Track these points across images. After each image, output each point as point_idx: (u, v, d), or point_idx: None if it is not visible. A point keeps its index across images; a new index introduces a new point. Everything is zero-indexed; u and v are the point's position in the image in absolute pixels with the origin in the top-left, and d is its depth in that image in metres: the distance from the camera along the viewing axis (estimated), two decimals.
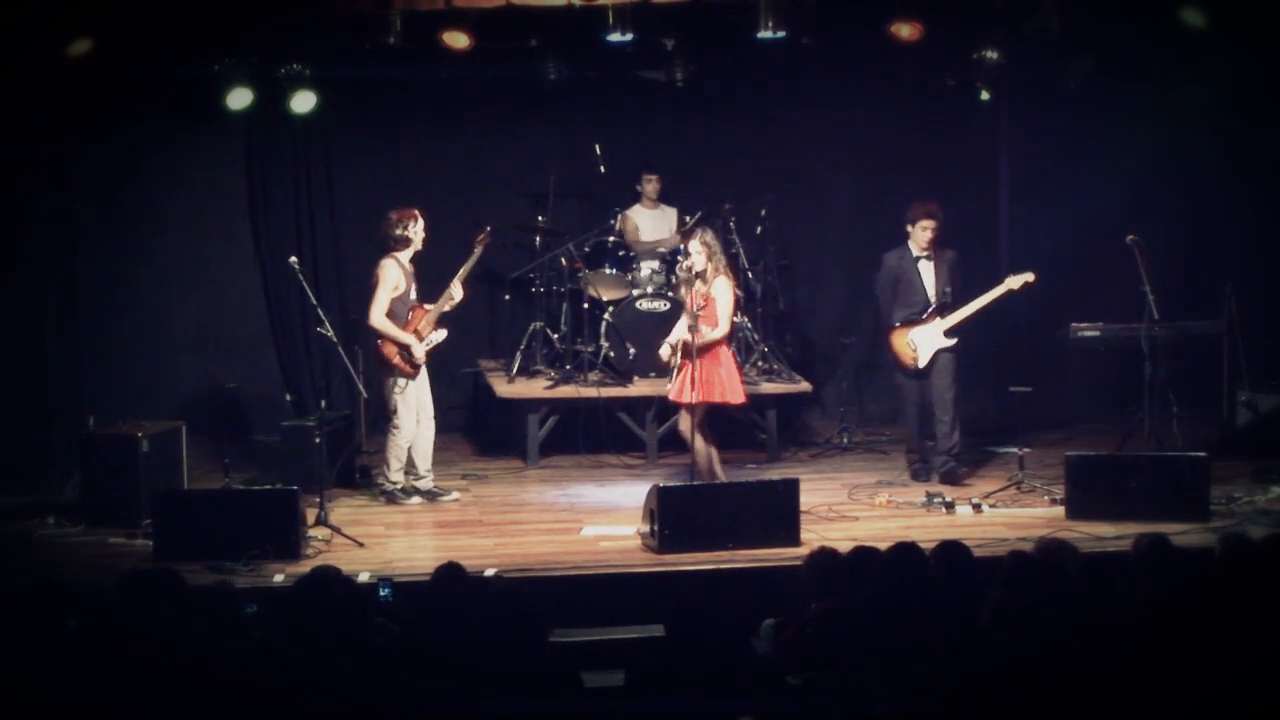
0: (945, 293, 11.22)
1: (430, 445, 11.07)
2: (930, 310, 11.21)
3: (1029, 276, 11.14)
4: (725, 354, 10.58)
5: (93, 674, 5.77)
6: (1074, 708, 5.84)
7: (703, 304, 10.43)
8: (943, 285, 11.22)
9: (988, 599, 6.57)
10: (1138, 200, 12.97)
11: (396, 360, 10.82)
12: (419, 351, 10.81)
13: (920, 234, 11.22)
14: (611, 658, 7.33)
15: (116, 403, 11.80)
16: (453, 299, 11.00)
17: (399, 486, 10.99)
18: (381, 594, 7.86)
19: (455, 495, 11.17)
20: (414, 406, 10.91)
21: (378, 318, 10.80)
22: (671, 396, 10.66)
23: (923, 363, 11.24)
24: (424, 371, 11.02)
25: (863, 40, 11.75)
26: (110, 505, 10.39)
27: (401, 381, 10.85)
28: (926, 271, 11.26)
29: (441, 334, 10.99)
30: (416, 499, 11.02)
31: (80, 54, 10.56)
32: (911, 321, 11.25)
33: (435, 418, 11.11)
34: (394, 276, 10.82)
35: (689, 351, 10.29)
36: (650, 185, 12.90)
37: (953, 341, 11.23)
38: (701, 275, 10.51)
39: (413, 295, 10.92)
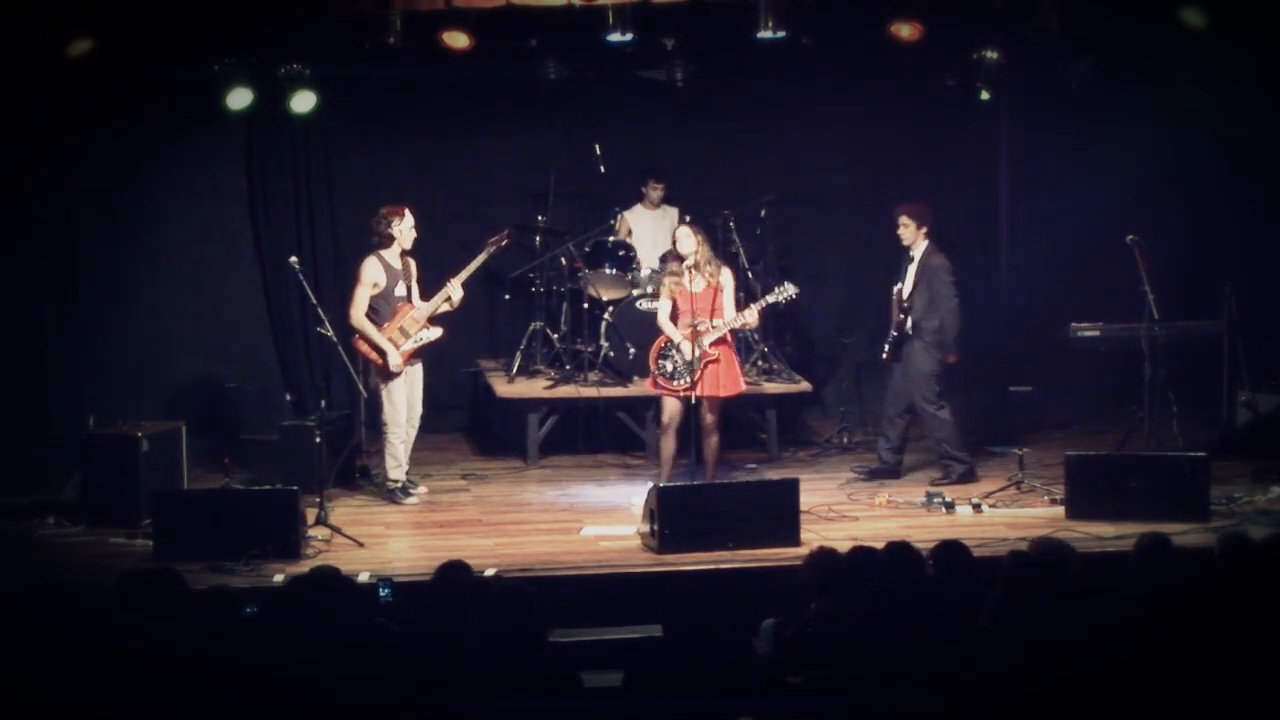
0: (908, 296, 11.21)
1: (409, 444, 11.11)
2: (902, 312, 11.23)
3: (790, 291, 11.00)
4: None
5: (93, 674, 5.77)
6: (1074, 707, 5.84)
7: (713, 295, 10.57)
8: (910, 289, 11.21)
9: (987, 599, 6.58)
10: (1138, 200, 12.97)
11: (373, 356, 10.83)
12: (394, 359, 10.79)
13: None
14: (611, 658, 7.32)
15: (116, 403, 11.80)
16: (450, 299, 10.99)
17: (398, 485, 11.01)
18: (381, 594, 7.86)
19: (423, 490, 11.19)
20: (401, 403, 10.92)
21: (355, 316, 10.85)
22: (704, 392, 10.59)
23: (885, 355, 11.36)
24: (418, 369, 11.02)
25: (863, 40, 11.74)
26: (110, 505, 10.39)
27: (385, 377, 10.87)
28: (908, 271, 11.28)
29: (435, 332, 10.98)
30: (414, 499, 11.04)
31: (80, 54, 10.56)
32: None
33: (423, 417, 11.13)
34: (373, 274, 10.84)
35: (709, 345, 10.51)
36: (655, 191, 12.90)
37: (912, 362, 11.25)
38: (698, 266, 10.58)
39: (400, 292, 10.91)
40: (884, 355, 11.35)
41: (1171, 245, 12.90)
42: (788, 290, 10.91)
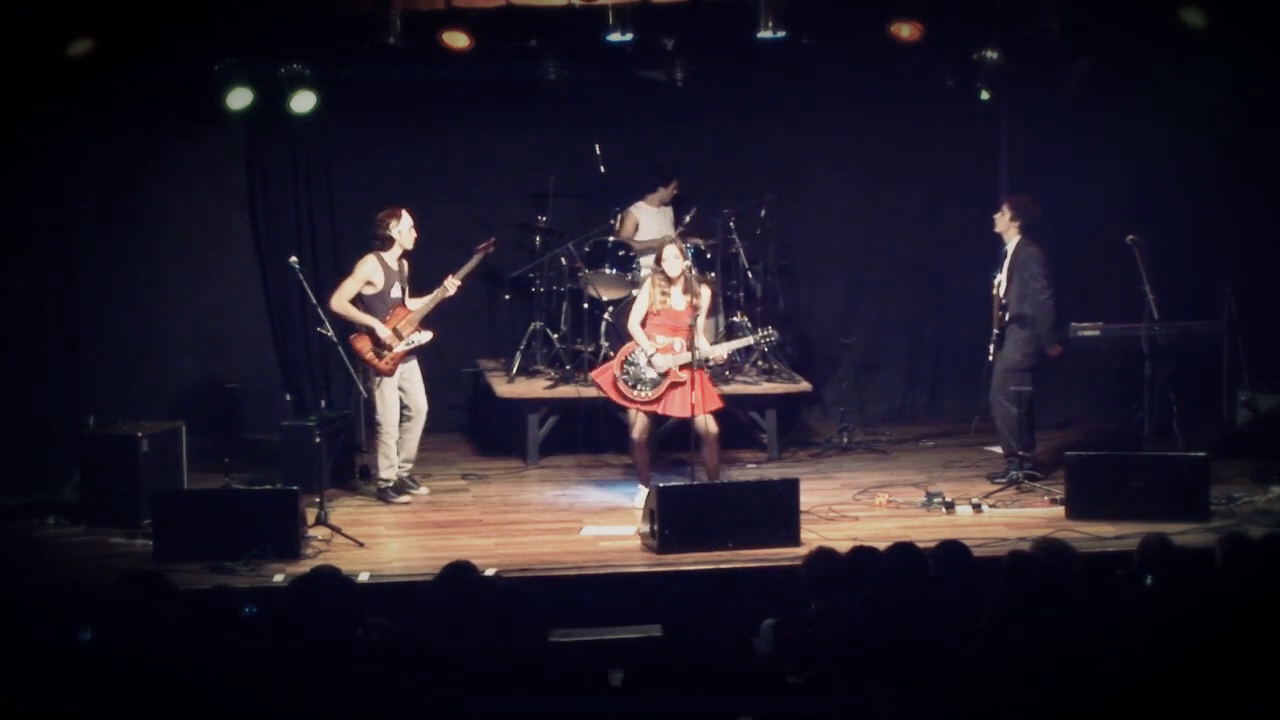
0: (1004, 292, 11.11)
1: (414, 439, 11.15)
2: (1000, 309, 11.15)
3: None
4: None
5: (92, 674, 5.77)
6: (1074, 707, 5.84)
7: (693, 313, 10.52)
8: (1006, 284, 11.10)
9: (988, 599, 6.57)
10: (1138, 200, 12.96)
11: (368, 356, 10.84)
12: (382, 332, 10.79)
13: None
14: (611, 658, 7.32)
15: (116, 403, 11.79)
16: (446, 292, 11.00)
17: (389, 484, 11.01)
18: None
19: (424, 490, 11.22)
20: (394, 403, 10.94)
21: (336, 301, 10.86)
22: (682, 413, 10.56)
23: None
24: (413, 366, 11.03)
25: (863, 40, 11.73)
26: (110, 505, 10.38)
27: (378, 378, 10.87)
28: (1004, 265, 11.18)
29: (425, 336, 11.00)
30: (406, 497, 11.05)
31: (80, 54, 10.56)
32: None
33: (429, 415, 11.15)
34: (368, 271, 10.87)
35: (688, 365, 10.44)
36: (670, 192, 12.90)
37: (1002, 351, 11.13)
38: (685, 286, 10.56)
39: (395, 294, 10.92)
40: (990, 356, 11.21)
41: (1171, 245, 12.89)
42: (770, 335, 11.18)
